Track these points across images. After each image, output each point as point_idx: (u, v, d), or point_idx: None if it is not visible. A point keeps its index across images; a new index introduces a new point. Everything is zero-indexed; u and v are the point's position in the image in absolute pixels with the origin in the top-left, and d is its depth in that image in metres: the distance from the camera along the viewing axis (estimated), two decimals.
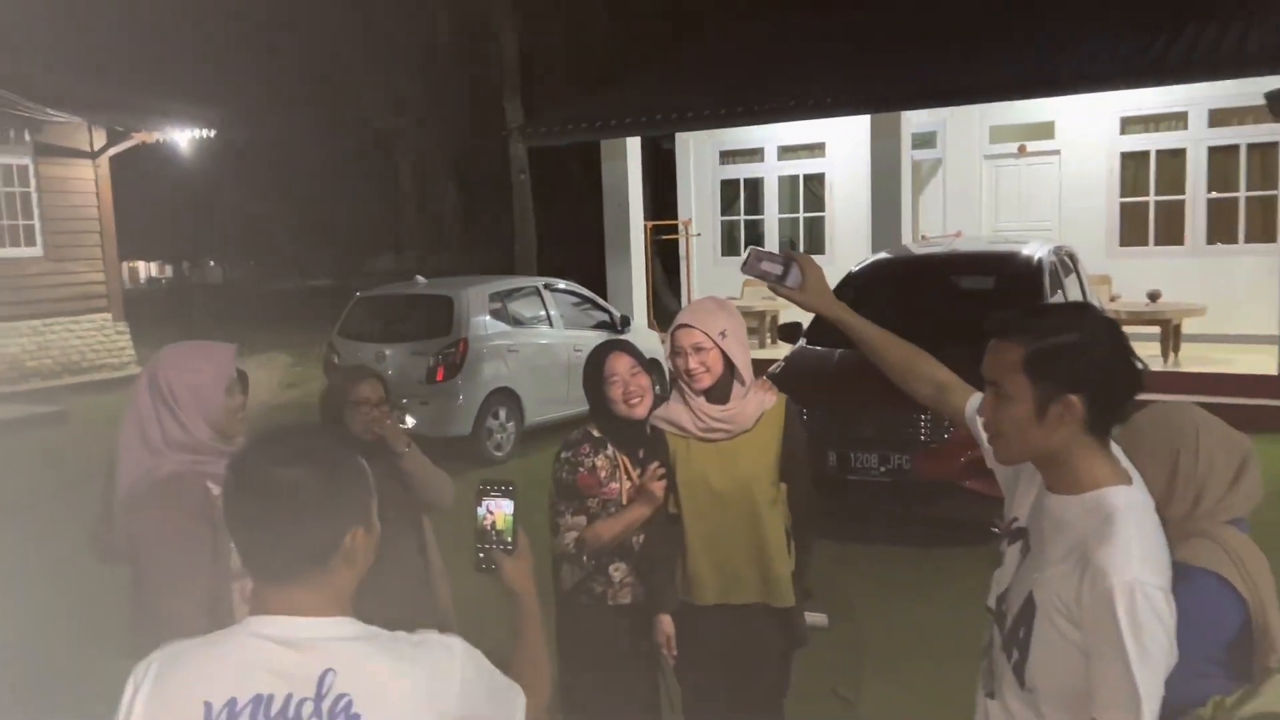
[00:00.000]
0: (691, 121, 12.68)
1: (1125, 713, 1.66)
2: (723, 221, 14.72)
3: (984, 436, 2.00)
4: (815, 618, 3.31)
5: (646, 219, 13.77)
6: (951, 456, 6.08)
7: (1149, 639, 1.65)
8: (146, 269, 45.44)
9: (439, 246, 28.74)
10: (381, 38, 26.01)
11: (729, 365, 3.05)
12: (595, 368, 3.19)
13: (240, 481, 1.50)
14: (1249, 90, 10.26)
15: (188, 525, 2.19)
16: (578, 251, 14.14)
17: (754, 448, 3.08)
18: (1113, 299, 11.00)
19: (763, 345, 12.54)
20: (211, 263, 45.75)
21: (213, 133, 14.51)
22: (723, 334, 3.03)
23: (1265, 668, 2.07)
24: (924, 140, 12.77)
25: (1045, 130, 12.42)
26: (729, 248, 14.78)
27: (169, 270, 47.15)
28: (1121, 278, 11.45)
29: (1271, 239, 11.08)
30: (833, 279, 2.99)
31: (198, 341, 2.44)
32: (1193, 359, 10.12)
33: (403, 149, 29.12)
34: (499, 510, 1.93)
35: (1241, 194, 11.65)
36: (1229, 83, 10.45)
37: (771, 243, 14.18)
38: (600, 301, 10.83)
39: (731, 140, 14.29)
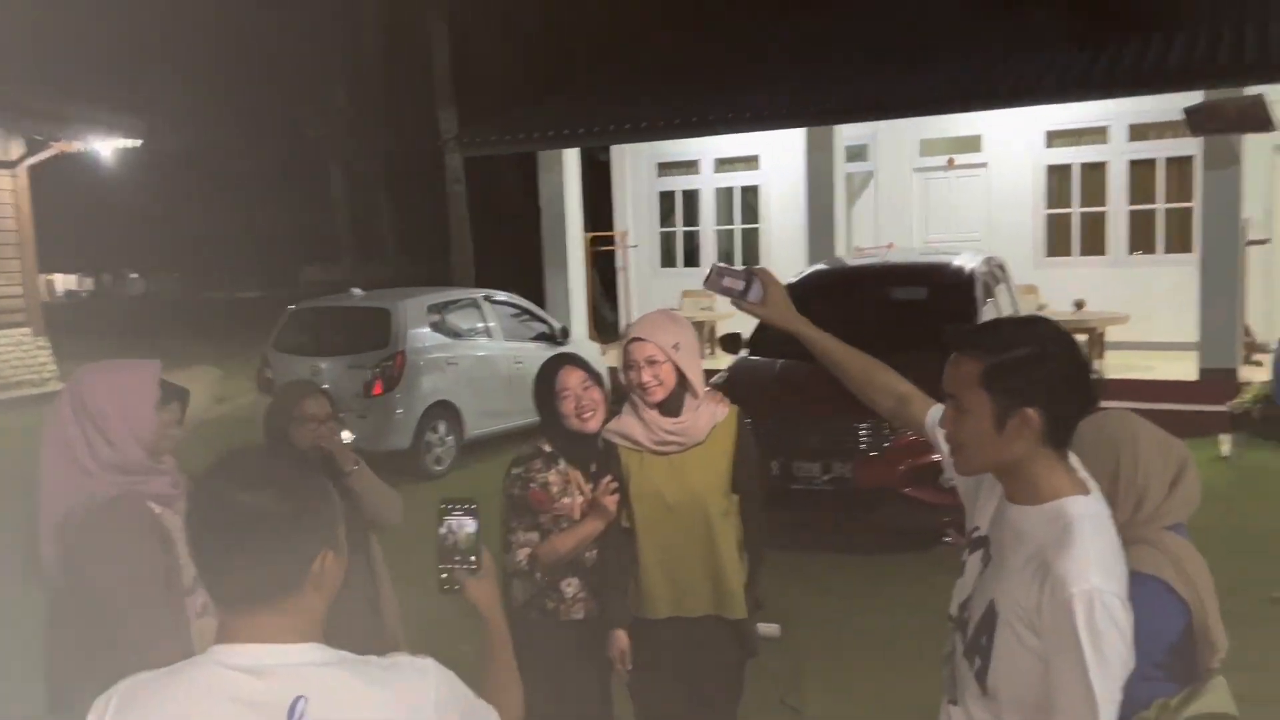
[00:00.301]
0: (628, 134, 12.71)
1: (1084, 719, 1.70)
2: (660, 233, 14.79)
3: (945, 448, 2.03)
4: (768, 628, 3.34)
5: (584, 230, 13.77)
6: (891, 465, 6.18)
7: (1107, 647, 1.70)
8: (65, 282, 44.10)
9: (372, 257, 28.40)
10: (312, 44, 25.66)
11: (681, 378, 3.06)
12: (547, 382, 3.17)
13: (204, 507, 1.46)
14: (1166, 106, 10.64)
15: (141, 548, 2.13)
16: (515, 263, 14.08)
17: (706, 460, 3.10)
18: (1040, 308, 11.28)
19: (703, 356, 12.60)
20: (133, 275, 44.57)
21: (139, 142, 14.16)
22: (675, 346, 3.05)
23: (1207, 669, 2.14)
24: (856, 153, 12.99)
25: (973, 144, 12.73)
26: (667, 259, 14.85)
27: (89, 283, 45.83)
28: (1048, 287, 11.75)
29: (1188, 249, 11.47)
30: None
31: (119, 360, 2.37)
32: (1116, 366, 10.44)
33: (334, 157, 28.73)
34: (462, 529, 1.90)
35: (1160, 206, 12.05)
36: (1148, 98, 10.81)
37: (708, 254, 14.30)
38: (540, 313, 10.80)
39: (668, 152, 14.36)
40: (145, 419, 2.24)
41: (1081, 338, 10.51)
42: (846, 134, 12.22)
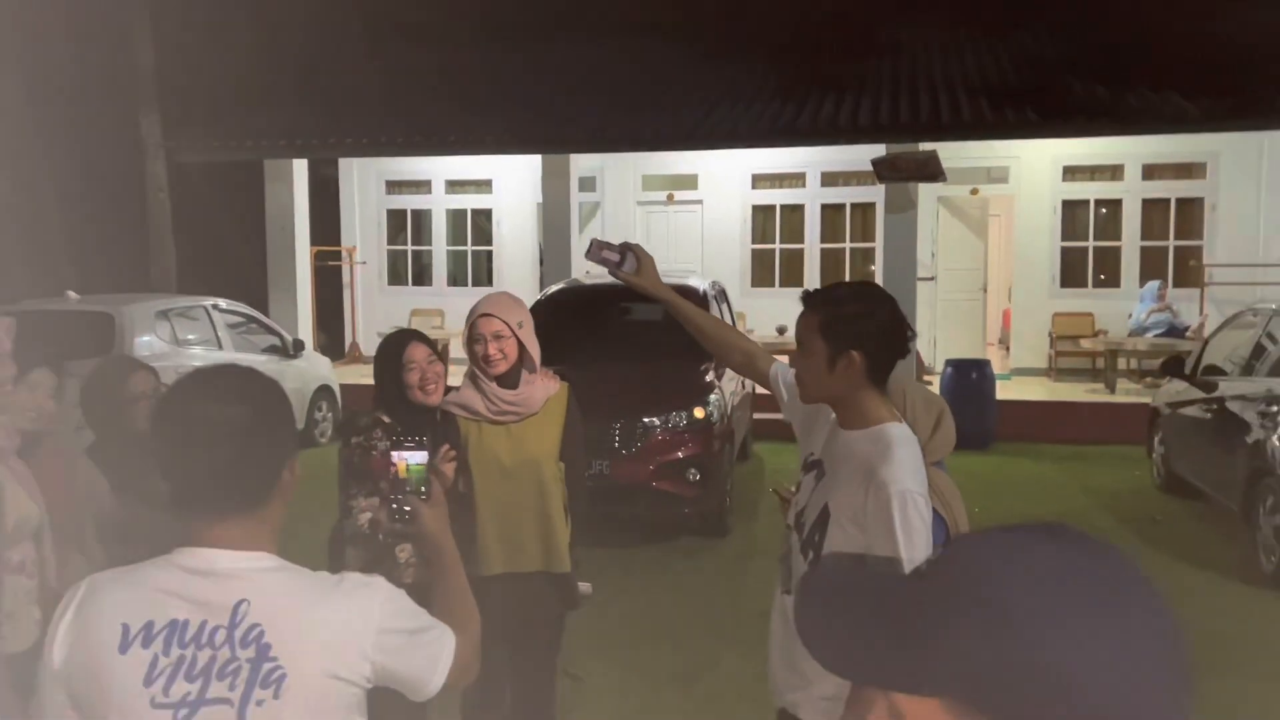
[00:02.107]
0: (349, 148, 12.67)
1: None
2: (389, 250, 14.74)
3: (784, 393, 2.51)
4: (583, 586, 3.69)
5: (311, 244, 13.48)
6: (644, 462, 6.73)
7: (916, 534, 2.21)
8: None
9: (68, 263, 25.65)
10: None
11: (522, 353, 3.38)
12: (393, 354, 3.31)
13: (176, 419, 1.51)
14: (853, 156, 12.18)
15: None
16: (239, 275, 13.46)
17: (540, 430, 3.42)
18: (748, 333, 12.45)
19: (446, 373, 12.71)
20: None
21: None
22: (519, 324, 3.37)
23: None
24: (586, 184, 13.68)
25: (690, 181, 13.82)
26: (395, 277, 14.81)
27: None
28: (753, 315, 12.96)
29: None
30: None
31: None
32: None
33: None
34: (410, 460, 2.09)
35: (847, 245, 13.67)
36: (838, 149, 12.29)
37: (439, 273, 14.47)
38: (271, 324, 10.50)
39: (398, 171, 14.40)
40: None
41: (784, 358, 11.71)
42: (578, 165, 12.88)
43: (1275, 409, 6.17)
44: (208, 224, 14.19)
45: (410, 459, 2.05)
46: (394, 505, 1.97)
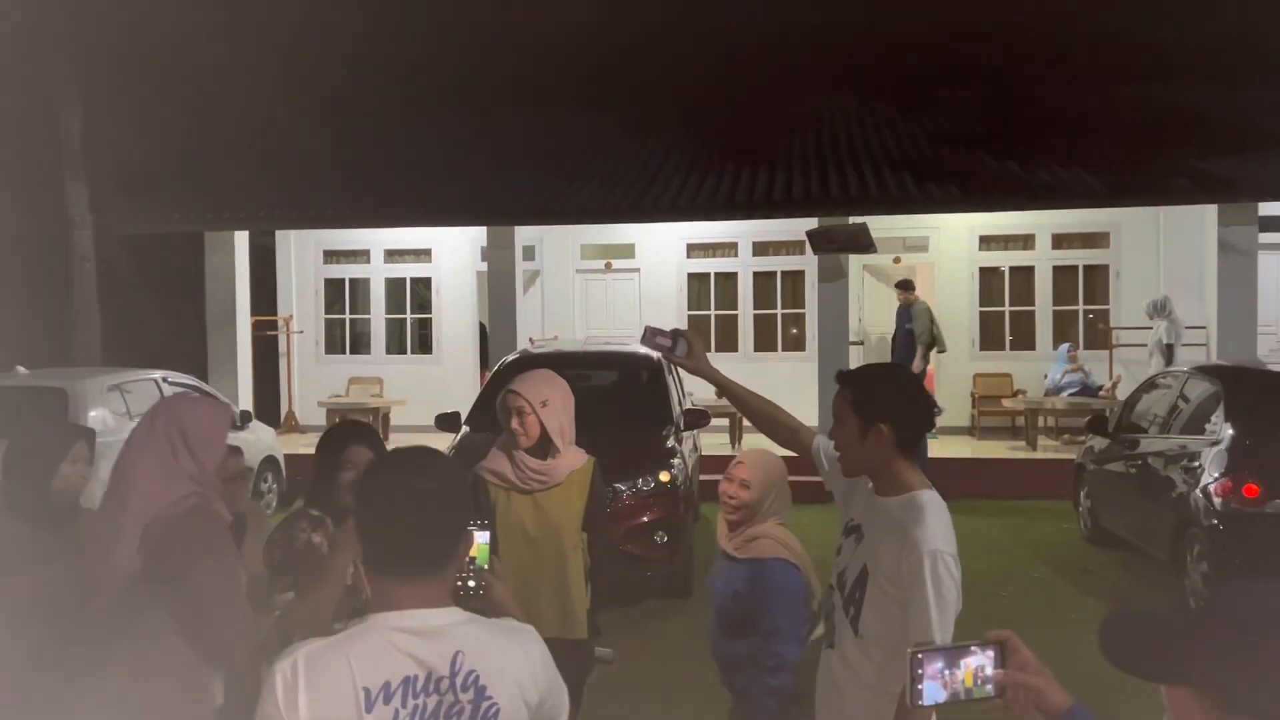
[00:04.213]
0: (292, 219, 12.79)
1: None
2: (326, 319, 14.75)
3: (825, 464, 2.81)
4: (603, 652, 3.87)
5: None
6: (612, 526, 6.94)
7: (945, 592, 2.47)
8: None
9: None
10: None
11: (543, 430, 3.62)
12: (334, 449, 3.20)
13: (380, 491, 1.79)
14: (782, 227, 12.75)
15: (228, 547, 2.37)
16: (173, 345, 13.32)
17: (564, 500, 3.65)
18: (688, 395, 12.79)
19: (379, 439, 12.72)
20: None
21: None
22: (543, 404, 3.60)
23: (812, 610, 3.30)
24: (526, 252, 13.98)
25: (628, 250, 14.23)
26: (332, 345, 14.81)
27: None
28: (689, 378, 13.30)
29: (802, 348, 13.64)
30: (445, 382, 3.80)
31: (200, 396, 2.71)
32: (756, 445, 12.07)
33: None
34: (476, 542, 2.31)
35: (779, 311, 14.19)
36: (769, 220, 12.84)
37: (378, 341, 14.54)
38: (219, 396, 10.44)
39: (336, 240, 14.49)
40: (221, 445, 2.50)
41: (725, 421, 12.08)
42: (519, 234, 13.18)
43: (1196, 464, 6.72)
44: (139, 295, 14.04)
45: (477, 538, 2.28)
46: (458, 584, 2.15)
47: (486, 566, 2.30)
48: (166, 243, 13.89)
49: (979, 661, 1.48)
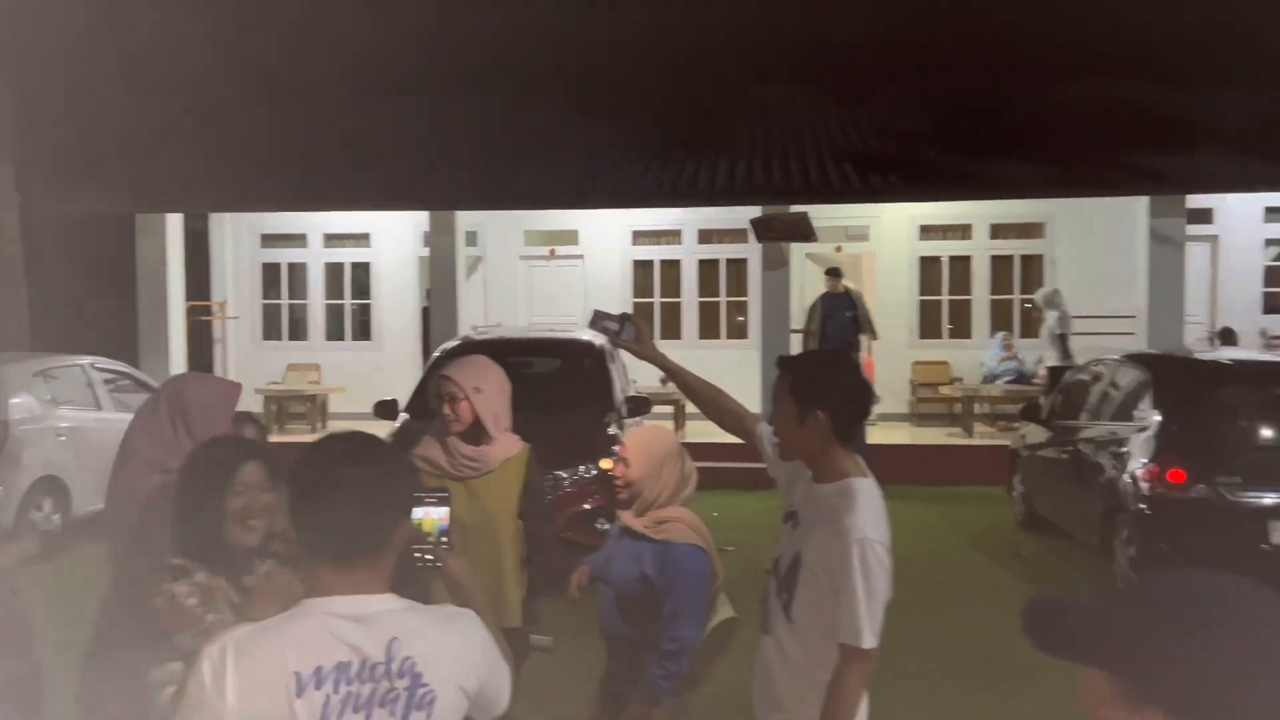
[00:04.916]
0: (215, 202, 12.56)
1: (855, 635, 2.46)
2: (264, 305, 14.48)
3: (768, 450, 2.81)
4: (541, 640, 3.83)
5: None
6: (555, 513, 6.92)
7: (874, 580, 2.47)
8: None
9: None
10: None
11: (476, 417, 3.57)
12: (225, 469, 2.53)
13: (311, 477, 1.76)
14: (727, 215, 12.78)
15: None
16: (102, 330, 12.98)
17: (499, 488, 3.61)
18: (632, 383, 12.78)
19: (314, 429, 12.55)
20: None
21: None
22: (476, 389, 3.56)
23: (716, 591, 3.38)
24: (468, 238, 13.84)
25: (572, 237, 14.16)
26: (270, 332, 14.55)
27: None
28: (635, 363, 13.30)
29: (745, 336, 13.70)
30: (385, 369, 3.79)
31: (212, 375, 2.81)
32: (700, 432, 12.12)
33: None
34: (432, 515, 2.31)
35: (722, 299, 14.24)
36: (712, 209, 12.88)
37: (316, 327, 14.31)
38: (150, 383, 10.19)
39: (273, 224, 14.22)
40: (223, 425, 2.48)
41: (670, 408, 12.11)
42: (461, 220, 13.05)
43: (1124, 450, 6.88)
44: (68, 278, 13.66)
45: (432, 513, 2.29)
46: (416, 555, 2.17)
47: (446, 540, 2.29)
48: (97, 225, 13.50)
49: None
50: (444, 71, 15.01)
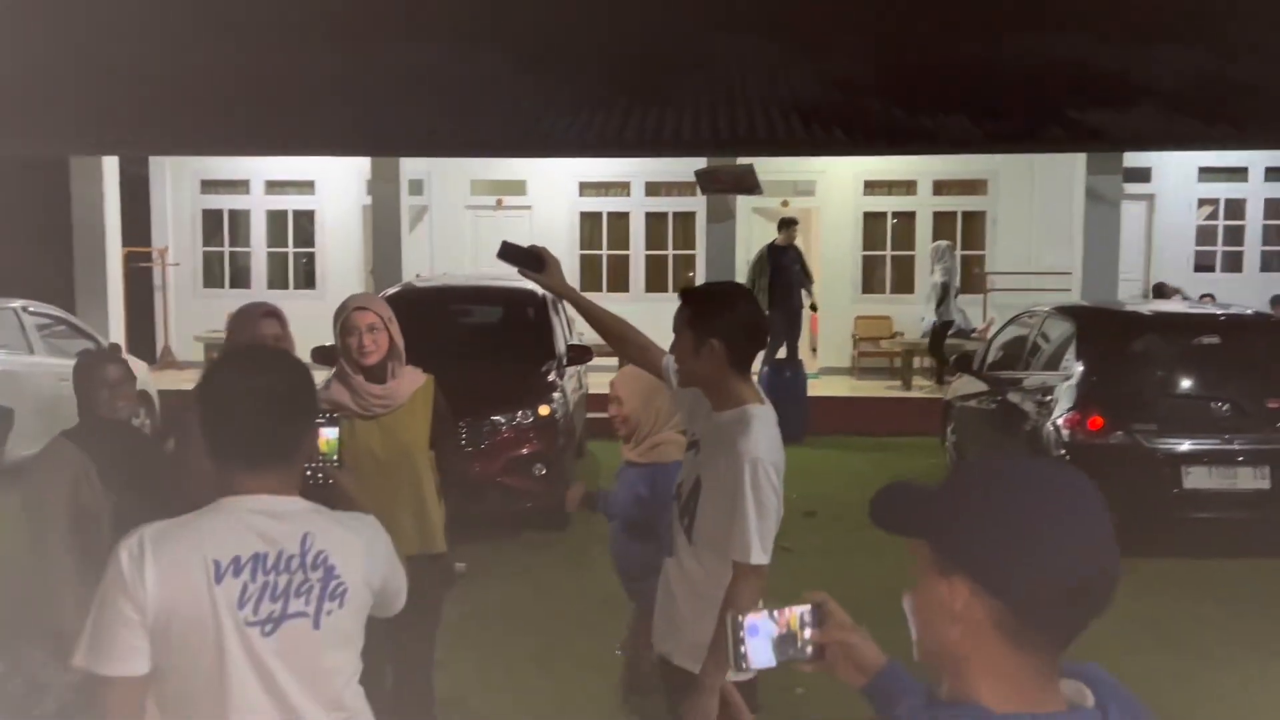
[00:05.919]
0: (151, 144, 12.27)
1: (745, 551, 2.57)
2: (205, 252, 14.26)
3: (674, 381, 2.88)
4: (458, 565, 3.93)
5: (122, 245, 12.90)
6: (491, 459, 6.99)
7: (764, 498, 2.58)
8: None
9: None
10: None
11: (391, 346, 3.61)
12: (94, 369, 3.56)
13: (221, 386, 1.85)
14: (675, 167, 12.77)
15: None
16: (40, 274, 12.71)
17: (410, 421, 3.66)
18: (578, 336, 12.82)
19: None
20: None
21: None
22: (390, 318, 3.60)
23: None
24: (414, 187, 13.71)
25: (519, 187, 14.08)
26: (211, 279, 14.34)
27: None
28: (579, 319, 13.34)
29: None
30: (329, 318, 3.75)
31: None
32: None
33: None
34: (323, 436, 2.38)
35: (670, 252, 14.27)
36: (662, 161, 12.86)
37: (259, 275, 14.14)
38: (85, 328, 10.07)
39: (214, 170, 13.97)
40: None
41: (612, 360, 12.16)
42: (406, 168, 12.90)
43: (1049, 399, 7.07)
44: (1, 223, 13.34)
45: (325, 433, 2.38)
46: (307, 473, 2.28)
47: (336, 458, 2.39)
48: (29, 166, 13.17)
49: (799, 623, 1.43)
50: (391, 15, 14.75)
